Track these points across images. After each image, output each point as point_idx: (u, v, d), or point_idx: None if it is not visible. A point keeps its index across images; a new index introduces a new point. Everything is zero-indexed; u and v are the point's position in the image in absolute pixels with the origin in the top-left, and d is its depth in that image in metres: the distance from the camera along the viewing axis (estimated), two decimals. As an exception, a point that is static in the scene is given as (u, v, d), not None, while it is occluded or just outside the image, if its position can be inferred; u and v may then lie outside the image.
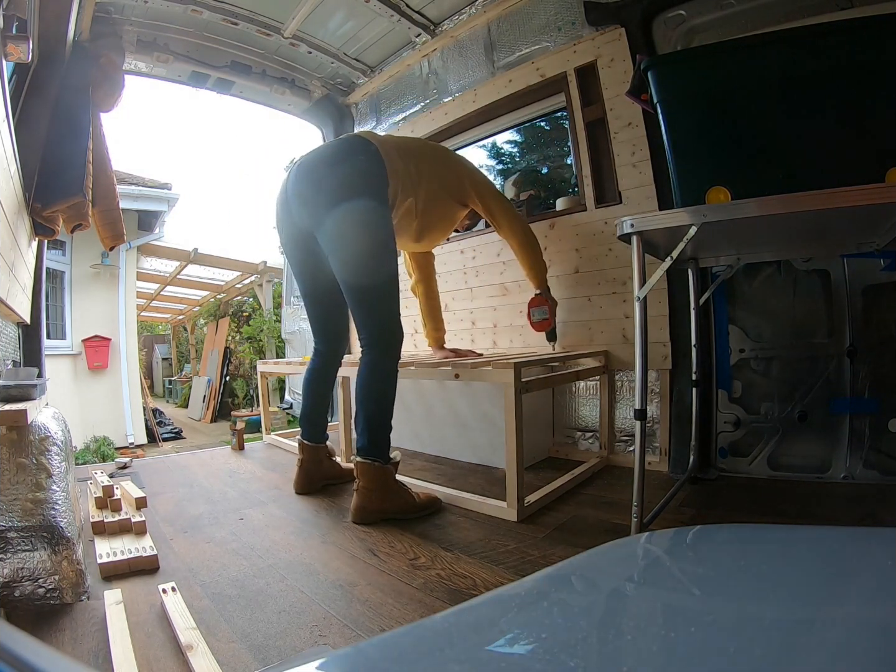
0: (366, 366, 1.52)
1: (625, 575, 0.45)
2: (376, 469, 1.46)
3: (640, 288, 1.14)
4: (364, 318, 1.52)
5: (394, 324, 1.54)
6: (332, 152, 1.58)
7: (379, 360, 1.52)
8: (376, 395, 1.52)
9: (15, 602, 0.97)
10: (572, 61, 2.11)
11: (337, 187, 1.48)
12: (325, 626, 0.95)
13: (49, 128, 1.86)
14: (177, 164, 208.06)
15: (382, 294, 1.52)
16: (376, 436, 1.50)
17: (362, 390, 1.52)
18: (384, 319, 1.53)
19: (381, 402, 1.52)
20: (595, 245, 2.10)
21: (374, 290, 1.50)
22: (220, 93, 2.90)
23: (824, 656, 0.27)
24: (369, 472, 1.46)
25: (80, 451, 5.01)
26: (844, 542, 0.46)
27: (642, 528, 1.19)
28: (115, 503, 1.55)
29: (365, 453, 1.48)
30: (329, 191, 1.49)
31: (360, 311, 1.53)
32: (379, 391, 1.52)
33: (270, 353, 8.21)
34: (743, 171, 1.14)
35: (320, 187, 1.50)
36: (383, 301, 1.52)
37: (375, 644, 0.36)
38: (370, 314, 1.52)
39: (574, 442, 2.24)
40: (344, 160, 1.52)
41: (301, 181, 1.56)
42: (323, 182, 1.50)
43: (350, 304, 1.56)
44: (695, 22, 1.81)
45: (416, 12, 2.50)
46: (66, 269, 5.52)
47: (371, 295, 1.51)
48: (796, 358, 1.72)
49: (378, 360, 1.52)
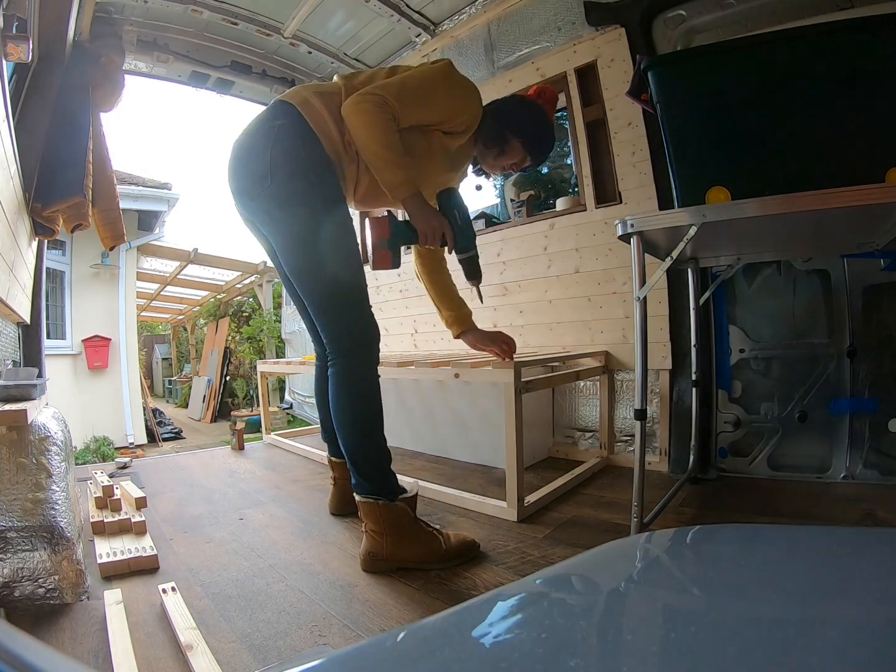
0: (333, 380, 1.22)
1: (625, 575, 0.45)
2: (382, 508, 1.17)
3: (640, 288, 1.14)
4: (324, 325, 1.24)
5: (362, 322, 1.23)
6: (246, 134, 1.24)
7: (346, 369, 1.21)
8: (350, 416, 1.21)
9: (15, 602, 0.97)
10: (572, 61, 2.11)
11: (258, 180, 1.18)
12: (325, 626, 0.95)
13: (49, 128, 1.86)
14: (177, 164, 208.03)
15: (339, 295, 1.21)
16: (366, 468, 1.20)
17: (335, 413, 1.22)
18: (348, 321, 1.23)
19: (362, 426, 1.21)
20: (595, 245, 2.10)
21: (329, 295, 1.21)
22: (220, 93, 2.90)
23: (824, 656, 0.27)
24: (374, 513, 1.17)
25: (80, 451, 5.01)
26: (844, 542, 0.46)
27: (642, 528, 1.19)
28: (115, 503, 1.55)
29: (361, 491, 1.20)
30: (250, 184, 1.20)
31: (318, 318, 1.25)
32: (353, 412, 1.21)
33: (270, 353, 8.22)
34: (743, 171, 1.14)
35: (241, 182, 1.23)
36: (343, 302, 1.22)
37: (375, 644, 0.35)
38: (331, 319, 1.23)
39: (574, 442, 2.24)
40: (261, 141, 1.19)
41: (229, 175, 1.26)
42: (241, 174, 1.23)
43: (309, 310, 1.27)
44: (695, 22, 1.81)
45: (416, 12, 2.50)
46: (66, 269, 5.52)
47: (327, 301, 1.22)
48: (796, 358, 1.72)
49: (345, 370, 1.21)
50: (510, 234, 2.42)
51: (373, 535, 1.18)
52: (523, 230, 2.36)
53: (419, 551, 1.17)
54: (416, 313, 2.83)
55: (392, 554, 1.17)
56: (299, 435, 3.02)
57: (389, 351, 3.07)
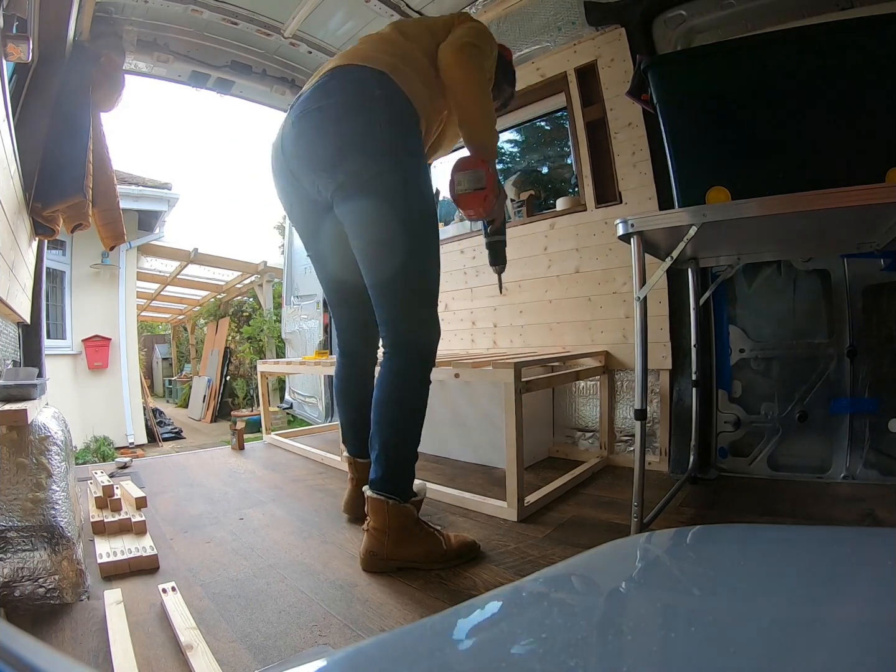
0: (389, 375, 1.22)
1: (625, 575, 0.45)
2: (391, 508, 1.16)
3: (640, 288, 1.14)
4: (389, 313, 1.21)
5: (429, 320, 1.23)
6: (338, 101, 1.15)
7: (407, 367, 1.21)
8: (399, 414, 1.21)
9: (15, 602, 0.97)
10: (572, 61, 2.11)
11: (374, 155, 1.12)
12: (325, 626, 0.95)
13: (49, 128, 1.86)
14: (177, 164, 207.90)
15: (415, 283, 1.19)
16: (395, 467, 1.20)
17: (381, 407, 1.21)
18: (421, 319, 1.22)
19: (406, 424, 1.22)
20: (595, 245, 2.10)
21: (405, 280, 1.18)
22: (221, 93, 2.90)
23: (824, 656, 0.27)
24: (382, 511, 1.17)
25: (80, 450, 5.01)
26: (844, 542, 0.46)
27: (642, 528, 1.19)
28: (115, 503, 1.55)
29: (377, 487, 1.18)
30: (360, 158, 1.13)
31: (385, 304, 1.21)
32: (402, 410, 1.21)
33: (270, 353, 8.22)
34: (743, 171, 1.14)
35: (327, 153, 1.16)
36: (417, 292, 1.20)
37: (375, 644, 0.35)
38: (404, 314, 1.21)
39: (574, 442, 2.24)
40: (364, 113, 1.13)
41: (300, 143, 1.19)
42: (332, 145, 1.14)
43: (373, 296, 1.22)
44: (695, 22, 1.81)
45: (416, 12, 2.49)
46: (66, 268, 5.52)
47: (407, 294, 1.19)
48: (796, 358, 1.72)
49: (405, 369, 1.21)
50: (510, 234, 2.38)
51: (374, 534, 1.18)
52: (523, 230, 2.36)
53: (420, 551, 1.17)
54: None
55: (392, 553, 1.17)
56: (299, 435, 3.02)
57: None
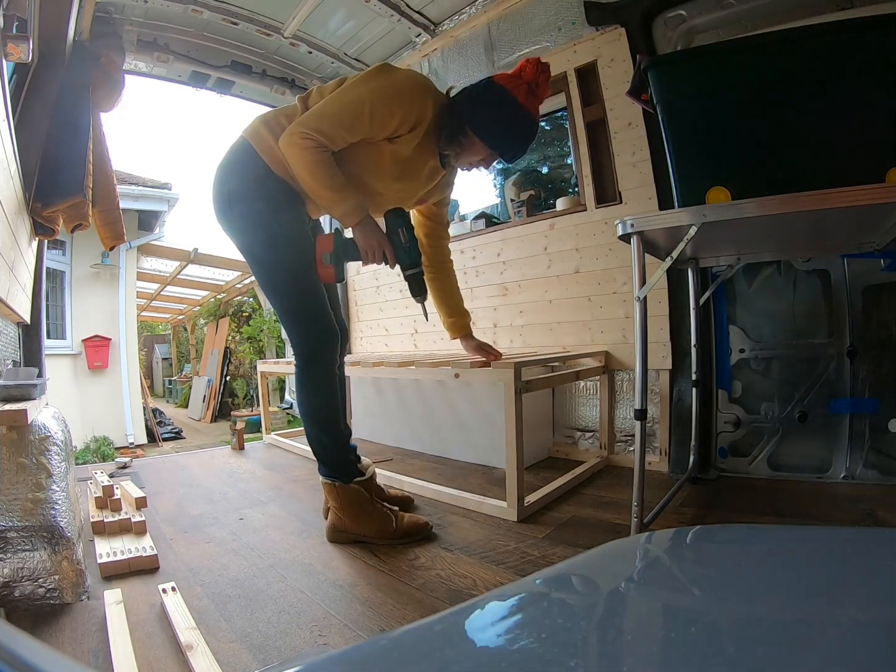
0: (296, 377, 1.39)
1: (625, 575, 0.45)
2: (337, 489, 1.35)
3: (640, 288, 1.14)
4: (284, 325, 1.41)
5: (315, 331, 1.34)
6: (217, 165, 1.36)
7: (300, 372, 1.37)
8: (307, 410, 1.38)
9: (15, 602, 0.97)
10: (572, 61, 2.11)
11: (220, 209, 1.35)
12: (325, 626, 0.95)
13: (49, 128, 1.86)
14: (177, 164, 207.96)
15: (292, 310, 1.35)
16: (323, 455, 1.38)
17: (297, 407, 1.44)
18: (301, 331, 1.35)
19: (317, 417, 1.37)
20: (595, 245, 2.10)
21: (284, 310, 1.36)
22: (221, 93, 2.90)
23: (824, 656, 0.27)
24: (332, 491, 1.36)
25: (80, 451, 5.01)
26: (844, 543, 0.46)
27: (642, 528, 1.19)
28: (115, 503, 1.55)
29: (321, 473, 1.39)
30: (217, 212, 1.36)
31: (280, 319, 1.44)
32: (309, 407, 1.38)
33: (270, 353, 8.21)
34: (743, 171, 1.14)
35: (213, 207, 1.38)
36: (296, 316, 1.35)
37: (375, 644, 0.35)
38: (289, 331, 1.37)
39: (574, 442, 2.24)
40: (222, 174, 1.34)
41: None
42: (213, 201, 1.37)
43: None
44: (695, 22, 1.81)
45: (416, 12, 2.50)
46: (66, 268, 5.52)
47: (283, 314, 1.37)
48: (796, 358, 1.72)
49: (300, 373, 1.37)
50: (510, 234, 2.42)
51: (335, 511, 1.37)
52: (523, 230, 2.36)
53: (373, 527, 1.33)
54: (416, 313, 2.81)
55: (349, 527, 1.35)
56: (299, 435, 3.01)
57: (390, 351, 3.07)
